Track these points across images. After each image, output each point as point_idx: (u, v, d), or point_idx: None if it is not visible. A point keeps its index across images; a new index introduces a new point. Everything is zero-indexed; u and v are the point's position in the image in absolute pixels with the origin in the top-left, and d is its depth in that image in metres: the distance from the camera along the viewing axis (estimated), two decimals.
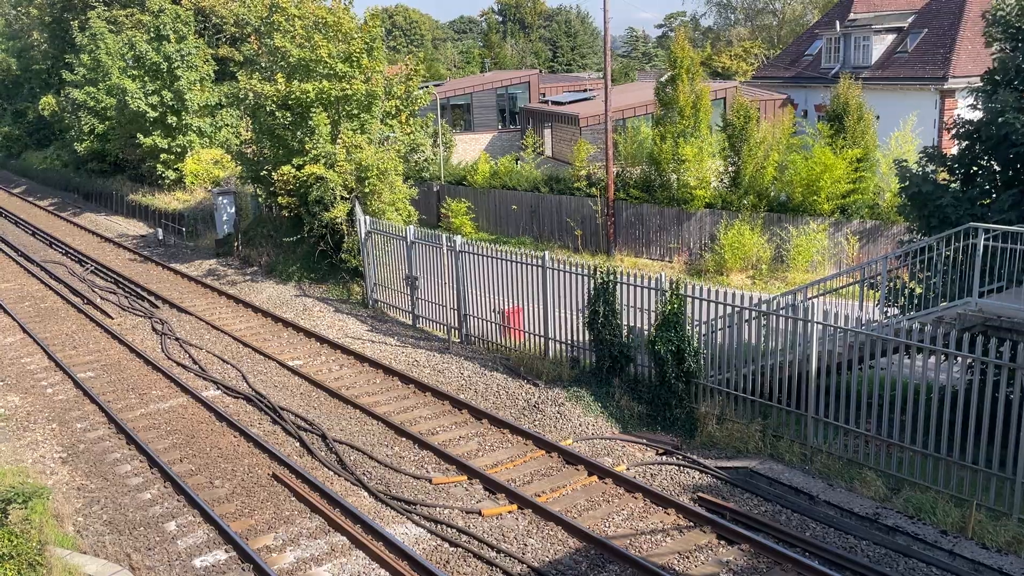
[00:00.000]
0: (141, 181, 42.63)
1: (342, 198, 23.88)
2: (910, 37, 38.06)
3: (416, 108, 27.62)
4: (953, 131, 15.46)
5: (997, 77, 15.07)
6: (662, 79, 30.51)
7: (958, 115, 15.98)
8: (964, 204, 14.81)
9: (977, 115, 15.17)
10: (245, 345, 20.18)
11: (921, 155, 16.21)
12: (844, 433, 13.33)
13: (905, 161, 16.28)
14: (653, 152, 29.13)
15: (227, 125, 40.31)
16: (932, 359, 12.74)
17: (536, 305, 18.11)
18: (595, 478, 13.24)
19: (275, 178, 24.65)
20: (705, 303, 14.91)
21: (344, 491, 13.07)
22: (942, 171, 15.84)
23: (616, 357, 16.15)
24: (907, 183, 15.46)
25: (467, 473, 13.45)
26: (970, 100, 15.72)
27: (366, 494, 13.00)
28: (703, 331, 14.98)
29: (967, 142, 15.23)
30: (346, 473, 13.61)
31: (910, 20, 39.20)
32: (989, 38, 15.66)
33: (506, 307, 18.99)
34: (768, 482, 13.08)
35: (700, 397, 15.07)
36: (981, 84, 15.32)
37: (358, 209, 23.70)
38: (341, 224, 24.14)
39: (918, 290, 15.05)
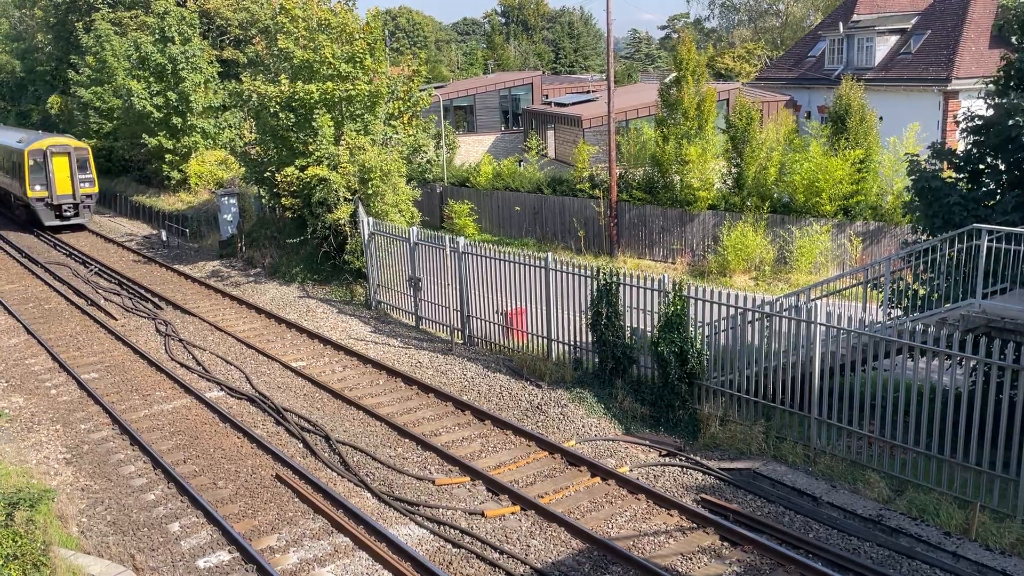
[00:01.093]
0: (146, 183, 42.74)
1: (345, 199, 23.90)
2: (913, 38, 38.05)
3: (418, 109, 27.66)
4: (961, 124, 15.43)
5: (1011, 82, 15.03)
6: (666, 81, 30.53)
7: (968, 108, 15.93)
8: (970, 204, 14.80)
9: (989, 112, 15.14)
10: (248, 346, 20.20)
11: (929, 152, 16.20)
12: (847, 435, 13.32)
13: (917, 156, 16.28)
14: (656, 153, 29.13)
15: (230, 126, 40.38)
16: (936, 361, 12.72)
17: (539, 306, 18.12)
18: (598, 479, 13.24)
19: (279, 179, 24.69)
20: (708, 304, 14.91)
21: (347, 492, 13.08)
22: (948, 169, 15.82)
23: (619, 358, 16.16)
24: (917, 176, 15.44)
25: (470, 474, 13.46)
26: (975, 100, 15.71)
27: (369, 495, 13.01)
28: (706, 332, 14.98)
29: (976, 137, 15.20)
30: (349, 474, 13.62)
31: (913, 21, 39.18)
32: (1007, 32, 15.56)
33: (509, 308, 19.00)
34: (771, 483, 13.07)
35: (703, 398, 15.06)
36: (994, 86, 15.28)
37: (361, 211, 23.73)
38: (344, 226, 24.17)
39: (921, 291, 15.04)
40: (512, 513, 12.32)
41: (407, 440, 14.85)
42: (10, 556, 9.23)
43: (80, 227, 36.44)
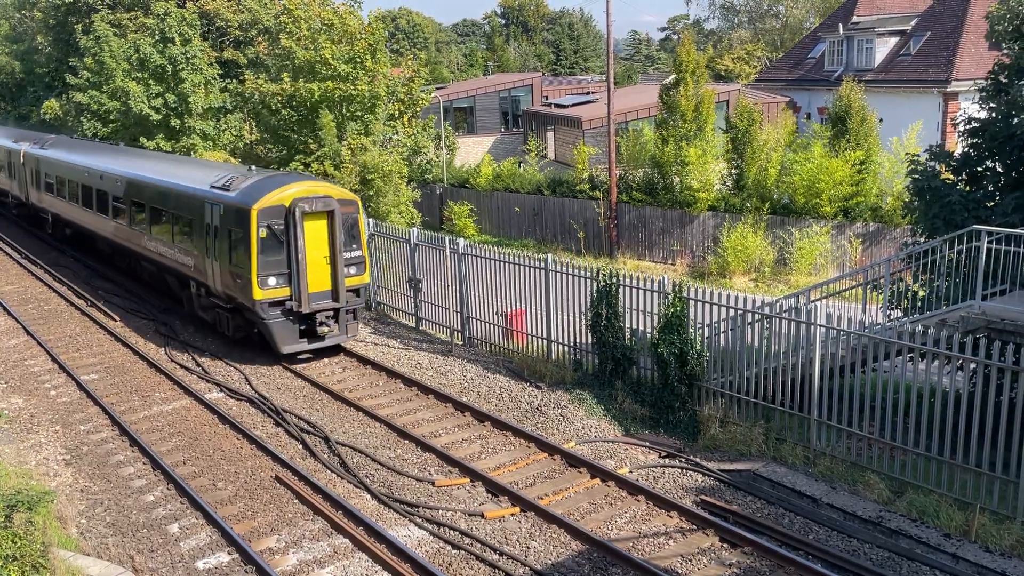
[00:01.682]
0: None
1: None
2: (913, 40, 38.08)
3: (419, 110, 27.73)
4: (960, 126, 15.48)
5: (1003, 79, 15.09)
6: (666, 82, 30.59)
7: (965, 110, 16.04)
8: (970, 205, 14.83)
9: (984, 115, 15.19)
10: (248, 347, 20.16)
11: (927, 155, 16.24)
12: (847, 436, 13.32)
13: (918, 156, 16.34)
14: (656, 155, 29.18)
15: (230, 128, 40.37)
16: (935, 362, 12.73)
17: (539, 308, 18.11)
18: (598, 481, 13.23)
19: None
20: (708, 306, 14.91)
21: (347, 493, 13.07)
22: (947, 172, 15.86)
23: (619, 359, 16.16)
24: (917, 176, 15.47)
25: (470, 476, 13.45)
26: (974, 102, 15.76)
27: (369, 496, 13.01)
28: (706, 334, 14.98)
29: (974, 140, 15.24)
30: (349, 475, 13.62)
31: (913, 23, 39.21)
32: (997, 37, 15.68)
33: (509, 310, 18.99)
34: (771, 485, 13.06)
35: (703, 400, 15.06)
36: (985, 92, 15.35)
37: (361, 212, 23.70)
38: None
39: (921, 293, 15.05)
40: (512, 514, 12.31)
41: (407, 441, 14.84)
42: (9, 557, 9.24)
43: (336, 349, 19.32)
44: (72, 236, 30.53)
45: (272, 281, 17.64)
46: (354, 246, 18.57)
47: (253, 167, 20.49)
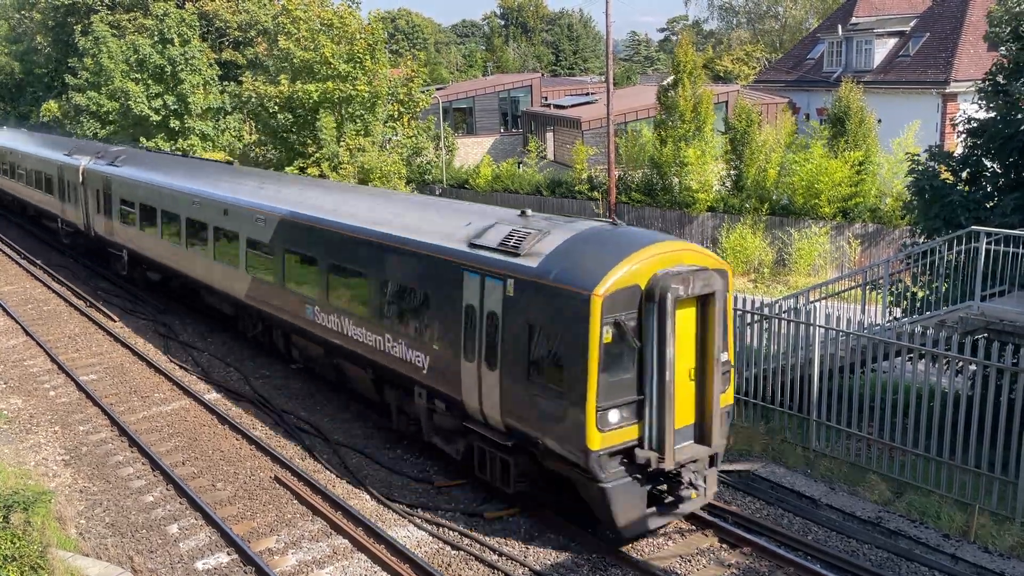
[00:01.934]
0: None
1: None
2: (912, 41, 38.10)
3: (418, 111, 27.78)
4: (959, 126, 15.51)
5: (1001, 79, 15.12)
6: (664, 83, 30.63)
7: (963, 109, 16.08)
8: (970, 205, 14.85)
9: (983, 115, 15.22)
10: (247, 347, 20.16)
11: (927, 156, 16.26)
12: (847, 437, 13.33)
13: (918, 156, 16.36)
14: (655, 155, 29.20)
15: (229, 128, 40.41)
16: (935, 363, 12.73)
17: None
18: None
19: None
20: None
21: (346, 494, 13.06)
22: (946, 172, 15.88)
23: None
24: (917, 176, 15.49)
25: (469, 476, 13.42)
26: (973, 103, 15.79)
27: (368, 497, 12.99)
28: None
29: (974, 140, 15.27)
30: (348, 476, 13.60)
31: (912, 24, 39.24)
32: (995, 38, 15.73)
33: None
34: (770, 486, 13.06)
35: None
36: (983, 93, 15.38)
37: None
38: None
39: (920, 294, 15.06)
40: (511, 515, 12.30)
41: (405, 441, 14.83)
42: (8, 558, 9.24)
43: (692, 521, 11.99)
44: (161, 283, 23.53)
45: (615, 416, 10.38)
46: (726, 341, 11.36)
47: (527, 210, 12.77)
